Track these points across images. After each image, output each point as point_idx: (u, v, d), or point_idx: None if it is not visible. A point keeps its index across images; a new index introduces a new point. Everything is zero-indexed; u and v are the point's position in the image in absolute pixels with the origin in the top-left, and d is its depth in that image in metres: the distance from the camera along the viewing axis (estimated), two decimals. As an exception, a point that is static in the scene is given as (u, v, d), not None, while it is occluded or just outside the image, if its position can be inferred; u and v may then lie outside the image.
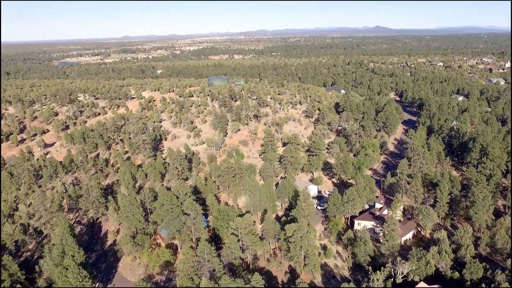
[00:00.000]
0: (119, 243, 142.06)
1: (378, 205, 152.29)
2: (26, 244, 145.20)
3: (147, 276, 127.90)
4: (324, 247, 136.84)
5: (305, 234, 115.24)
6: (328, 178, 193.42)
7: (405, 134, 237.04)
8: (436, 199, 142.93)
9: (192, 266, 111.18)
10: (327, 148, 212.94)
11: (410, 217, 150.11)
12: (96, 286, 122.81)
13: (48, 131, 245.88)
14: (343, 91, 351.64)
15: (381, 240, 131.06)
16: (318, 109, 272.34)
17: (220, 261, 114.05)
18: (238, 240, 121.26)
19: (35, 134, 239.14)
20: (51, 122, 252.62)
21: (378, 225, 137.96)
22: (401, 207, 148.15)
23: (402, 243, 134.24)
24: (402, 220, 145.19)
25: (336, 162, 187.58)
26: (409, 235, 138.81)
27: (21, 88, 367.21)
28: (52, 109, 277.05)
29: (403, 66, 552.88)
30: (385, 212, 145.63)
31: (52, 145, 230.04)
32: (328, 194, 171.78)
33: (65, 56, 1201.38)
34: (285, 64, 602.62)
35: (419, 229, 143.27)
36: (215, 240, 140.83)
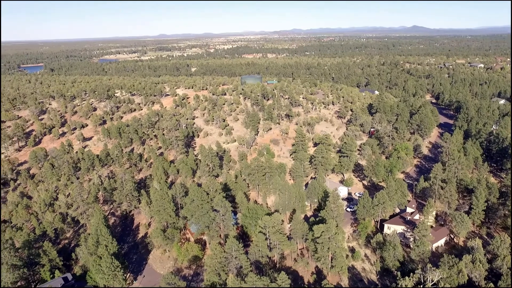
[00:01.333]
0: (150, 236, 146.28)
1: (409, 210, 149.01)
2: (64, 232, 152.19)
3: (175, 270, 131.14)
4: (352, 250, 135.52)
5: (333, 236, 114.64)
6: (359, 180, 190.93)
7: (440, 138, 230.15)
8: (472, 206, 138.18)
9: (219, 262, 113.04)
10: (358, 150, 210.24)
11: (442, 223, 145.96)
12: (127, 276, 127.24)
13: (87, 125, 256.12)
14: (377, 92, 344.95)
15: (411, 246, 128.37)
16: (351, 109, 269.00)
17: (248, 258, 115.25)
18: (266, 239, 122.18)
19: (75, 128, 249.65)
20: (89, 117, 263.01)
21: (409, 230, 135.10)
22: (434, 213, 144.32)
23: (433, 250, 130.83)
24: (434, 226, 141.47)
25: (367, 164, 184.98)
26: (441, 242, 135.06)
27: (64, 84, 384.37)
28: (91, 104, 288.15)
29: (441, 67, 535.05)
30: (417, 217, 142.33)
31: (90, 139, 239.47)
32: (358, 196, 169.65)
33: (104, 54, 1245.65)
34: (319, 63, 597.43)
35: (452, 236, 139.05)
36: (243, 237, 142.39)
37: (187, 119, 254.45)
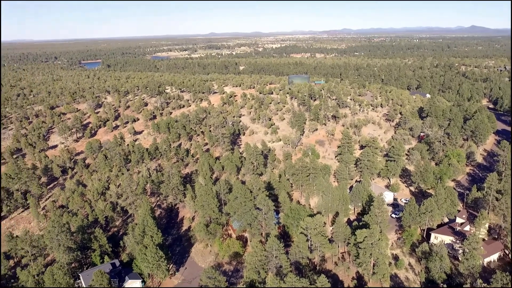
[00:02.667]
0: (194, 229, 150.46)
1: (459, 220, 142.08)
2: (114, 221, 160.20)
3: (216, 264, 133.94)
4: (396, 257, 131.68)
5: (376, 242, 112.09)
6: (406, 186, 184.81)
7: (497, 146, 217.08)
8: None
9: (259, 260, 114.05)
10: (406, 154, 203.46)
11: (496, 237, 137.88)
12: (170, 267, 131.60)
13: (138, 119, 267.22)
14: (428, 95, 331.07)
15: (459, 258, 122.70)
16: (400, 113, 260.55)
17: (288, 258, 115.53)
18: (307, 240, 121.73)
19: (127, 122, 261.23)
20: (141, 112, 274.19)
21: (458, 242, 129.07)
22: (486, 225, 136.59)
23: (485, 265, 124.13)
24: (486, 239, 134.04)
25: (415, 170, 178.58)
26: (494, 257, 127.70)
27: (118, 80, 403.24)
28: (143, 99, 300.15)
29: (501, 70, 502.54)
30: (467, 228, 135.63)
31: (140, 132, 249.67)
32: (405, 203, 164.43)
33: (157, 51, 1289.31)
34: (368, 64, 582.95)
35: (507, 252, 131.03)
36: (284, 237, 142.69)
37: (233, 116, 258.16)
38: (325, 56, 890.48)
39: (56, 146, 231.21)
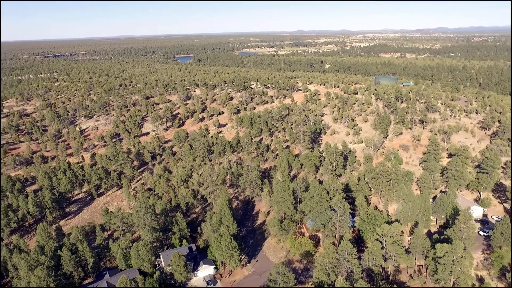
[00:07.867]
0: (268, 224, 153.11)
1: None
2: (194, 207, 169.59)
3: (287, 261, 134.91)
4: (481, 280, 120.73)
5: (458, 259, 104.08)
6: (499, 202, 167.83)
7: None
8: None
9: (331, 262, 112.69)
10: (503, 167, 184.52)
11: None
12: (242, 257, 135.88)
13: (223, 113, 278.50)
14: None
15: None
16: (499, 121, 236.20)
17: (360, 264, 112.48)
18: (382, 248, 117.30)
19: (213, 115, 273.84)
20: (226, 105, 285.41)
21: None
22: None
23: None
24: None
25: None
26: None
27: (207, 74, 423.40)
28: (229, 93, 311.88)
29: None
30: None
31: (224, 125, 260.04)
32: (496, 220, 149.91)
33: (245, 47, 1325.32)
34: (464, 66, 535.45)
35: None
36: (358, 242, 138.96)
37: (316, 115, 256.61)
38: (416, 56, 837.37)
39: (148, 133, 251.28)
